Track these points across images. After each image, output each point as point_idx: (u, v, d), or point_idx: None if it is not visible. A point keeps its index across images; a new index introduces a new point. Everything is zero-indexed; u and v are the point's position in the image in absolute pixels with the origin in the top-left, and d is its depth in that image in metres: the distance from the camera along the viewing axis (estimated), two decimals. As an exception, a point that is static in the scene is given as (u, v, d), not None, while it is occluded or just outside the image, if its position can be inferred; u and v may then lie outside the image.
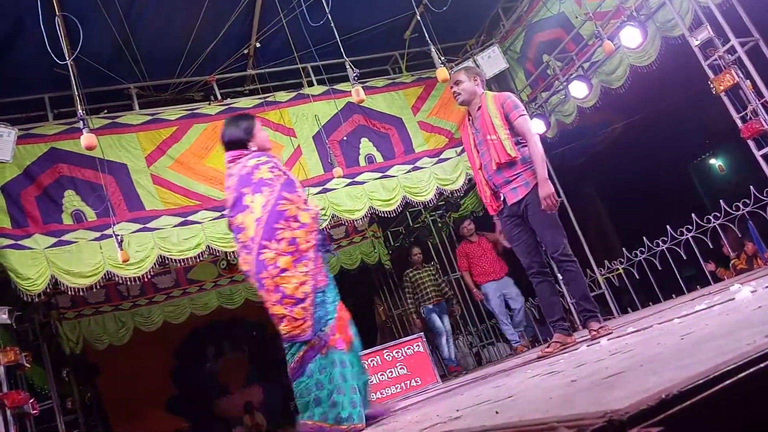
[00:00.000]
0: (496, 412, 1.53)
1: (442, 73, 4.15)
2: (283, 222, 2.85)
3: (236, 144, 3.12)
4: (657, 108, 5.98)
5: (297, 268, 2.84)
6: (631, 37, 5.93)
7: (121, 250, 5.64)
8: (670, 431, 0.80)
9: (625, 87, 6.50)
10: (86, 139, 4.00)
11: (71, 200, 5.99)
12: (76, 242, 5.88)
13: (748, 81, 5.08)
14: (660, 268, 6.47)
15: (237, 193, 2.95)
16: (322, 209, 6.67)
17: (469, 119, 3.91)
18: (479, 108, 3.79)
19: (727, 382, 0.83)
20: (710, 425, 0.83)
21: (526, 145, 3.70)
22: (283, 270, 2.83)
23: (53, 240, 5.80)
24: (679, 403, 0.82)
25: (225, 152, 3.15)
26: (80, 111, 4.29)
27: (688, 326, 2.01)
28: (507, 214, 3.79)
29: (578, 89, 6.79)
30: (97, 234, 5.97)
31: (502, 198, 3.78)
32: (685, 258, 6.16)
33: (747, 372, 0.83)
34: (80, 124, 4.36)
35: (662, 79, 5.18)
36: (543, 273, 3.80)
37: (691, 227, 6.03)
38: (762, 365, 0.83)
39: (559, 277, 5.28)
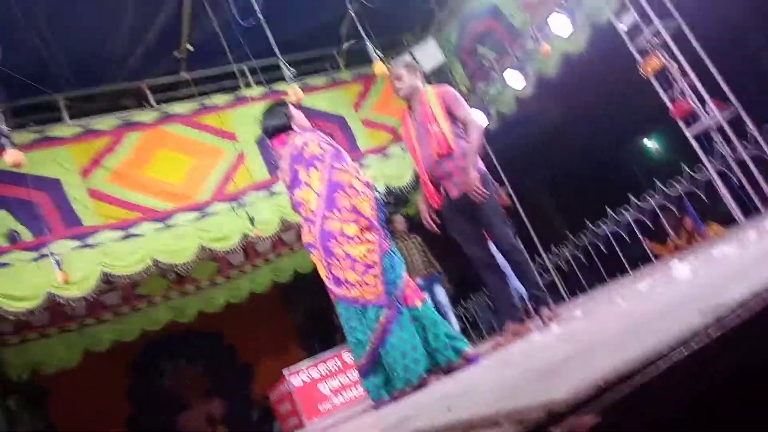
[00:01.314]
0: (448, 410, 1.52)
1: (378, 67, 4.13)
2: (341, 191, 2.99)
3: (280, 130, 3.29)
4: (591, 94, 6.15)
5: (364, 235, 2.98)
6: (561, 25, 6.05)
7: (60, 270, 5.40)
8: (608, 418, 0.80)
9: (560, 76, 6.63)
10: (11, 155, 3.80)
11: (5, 220, 5.69)
12: (11, 265, 5.59)
13: (675, 63, 5.27)
14: (605, 251, 6.66)
15: (292, 172, 3.12)
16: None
17: (410, 113, 3.90)
18: (420, 101, 3.79)
19: (662, 366, 0.83)
20: (649, 410, 0.83)
21: (464, 138, 3.71)
22: (350, 237, 2.96)
23: (-13, 263, 5.50)
24: (617, 389, 0.82)
25: (270, 140, 3.34)
26: (2, 127, 4.06)
27: (631, 309, 2.06)
28: (449, 207, 3.79)
29: (514, 79, 6.89)
30: (35, 254, 5.69)
31: (443, 191, 3.77)
32: (628, 240, 6.35)
33: (682, 355, 0.84)
34: (3, 141, 4.13)
35: (594, 66, 5.32)
36: (491, 265, 3.82)
37: (629, 207, 6.22)
38: (696, 347, 0.84)
39: (508, 267, 5.36)
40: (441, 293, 6.95)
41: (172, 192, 6.40)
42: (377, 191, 3.21)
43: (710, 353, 0.85)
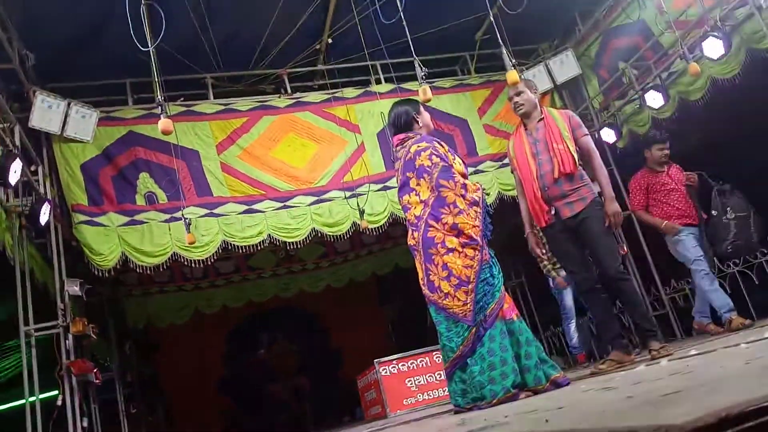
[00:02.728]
0: (546, 421, 1.51)
1: (512, 75, 4.09)
2: (446, 208, 3.08)
3: (401, 129, 3.41)
4: (736, 123, 5.68)
5: (464, 251, 3.05)
6: (713, 48, 5.66)
7: (189, 232, 5.86)
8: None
9: (705, 99, 6.22)
10: (163, 123, 4.17)
11: (145, 182, 6.27)
12: (147, 222, 6.16)
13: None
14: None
15: (404, 177, 3.25)
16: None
17: (525, 129, 3.87)
18: (540, 119, 3.77)
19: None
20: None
21: (582, 164, 3.68)
22: (450, 250, 3.05)
23: (126, 219, 6.10)
24: (741, 424, 0.79)
25: (392, 135, 3.46)
26: (159, 97, 4.48)
27: (755, 351, 1.92)
28: (559, 228, 3.71)
29: (654, 99, 6.54)
30: (167, 216, 6.23)
31: (553, 211, 3.70)
32: (757, 282, 5.84)
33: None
34: (158, 110, 4.56)
35: (745, 93, 4.92)
36: (596, 289, 3.70)
37: (766, 251, 5.71)
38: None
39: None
40: (569, 298, 6.41)
41: (295, 175, 6.75)
42: (486, 204, 3.20)
43: None
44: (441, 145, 3.25)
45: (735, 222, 4.78)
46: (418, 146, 3.21)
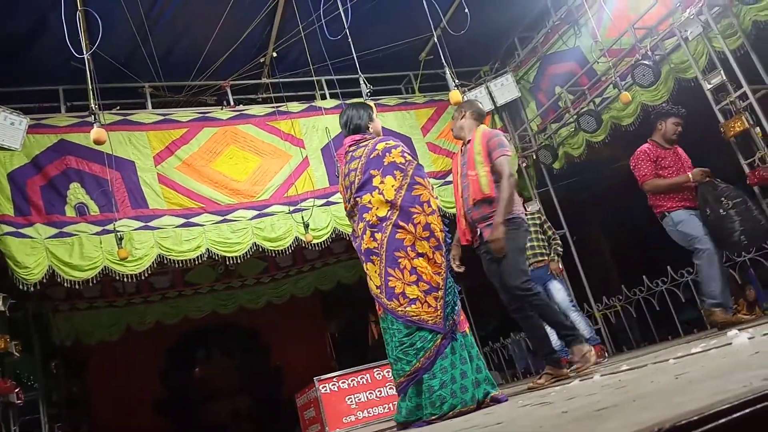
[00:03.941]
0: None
1: (455, 95, 4.18)
2: (418, 206, 2.95)
3: (359, 129, 3.26)
4: (665, 148, 6.03)
5: (434, 257, 2.93)
6: (644, 76, 5.97)
7: (121, 247, 5.64)
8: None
9: (636, 125, 6.54)
10: (96, 133, 4.03)
11: (76, 193, 6.01)
12: (77, 235, 5.89)
13: (758, 128, 5.11)
14: (658, 309, 6.44)
15: (365, 175, 3.03)
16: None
17: (461, 149, 3.96)
18: (469, 142, 3.84)
19: (721, 421, 0.82)
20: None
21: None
22: (421, 255, 2.91)
23: (54, 231, 5.81)
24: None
25: (346, 136, 3.28)
26: (93, 105, 4.33)
27: (683, 366, 2.00)
28: (483, 250, 3.78)
29: (588, 123, 6.83)
30: (99, 228, 5.98)
31: (479, 233, 3.76)
32: (683, 300, 6.13)
33: (742, 413, 0.82)
34: (91, 118, 4.39)
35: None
36: (523, 308, 3.75)
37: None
38: (758, 407, 0.82)
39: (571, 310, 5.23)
40: (554, 287, 6.00)
41: (236, 188, 6.62)
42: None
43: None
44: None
45: (735, 210, 4.27)
46: (387, 144, 3.08)
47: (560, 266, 6.14)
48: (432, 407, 2.82)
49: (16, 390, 5.26)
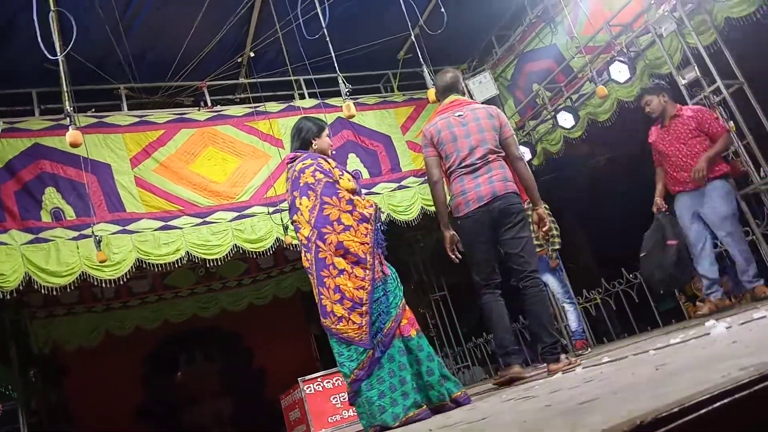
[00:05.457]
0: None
1: (432, 94, 4.18)
2: (329, 226, 2.96)
3: (300, 145, 3.30)
4: (641, 143, 6.11)
5: (354, 272, 2.93)
6: (619, 72, 6.05)
7: (99, 250, 5.56)
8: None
9: (612, 121, 6.62)
10: (71, 136, 3.94)
11: (51, 197, 5.91)
12: (53, 240, 5.79)
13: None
14: (637, 300, 6.53)
15: (291, 197, 3.13)
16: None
17: None
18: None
19: (702, 411, 0.83)
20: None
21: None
22: (341, 272, 2.92)
23: (30, 237, 5.70)
24: (654, 430, 0.82)
25: (291, 150, 3.35)
26: (67, 107, 4.24)
27: (663, 357, 2.03)
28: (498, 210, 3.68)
29: (565, 120, 6.90)
30: (75, 233, 5.88)
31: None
32: (662, 292, 6.22)
33: (722, 402, 0.84)
34: (66, 121, 4.31)
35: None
36: (499, 289, 3.67)
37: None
38: (737, 396, 0.84)
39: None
40: (550, 279, 6.12)
41: (215, 190, 6.56)
42: (380, 220, 3.13)
43: (753, 407, 0.85)
44: (326, 161, 3.16)
45: (678, 257, 4.54)
46: (303, 164, 3.11)
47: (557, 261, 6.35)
48: (373, 418, 2.82)
49: (-6, 400, 5.15)
